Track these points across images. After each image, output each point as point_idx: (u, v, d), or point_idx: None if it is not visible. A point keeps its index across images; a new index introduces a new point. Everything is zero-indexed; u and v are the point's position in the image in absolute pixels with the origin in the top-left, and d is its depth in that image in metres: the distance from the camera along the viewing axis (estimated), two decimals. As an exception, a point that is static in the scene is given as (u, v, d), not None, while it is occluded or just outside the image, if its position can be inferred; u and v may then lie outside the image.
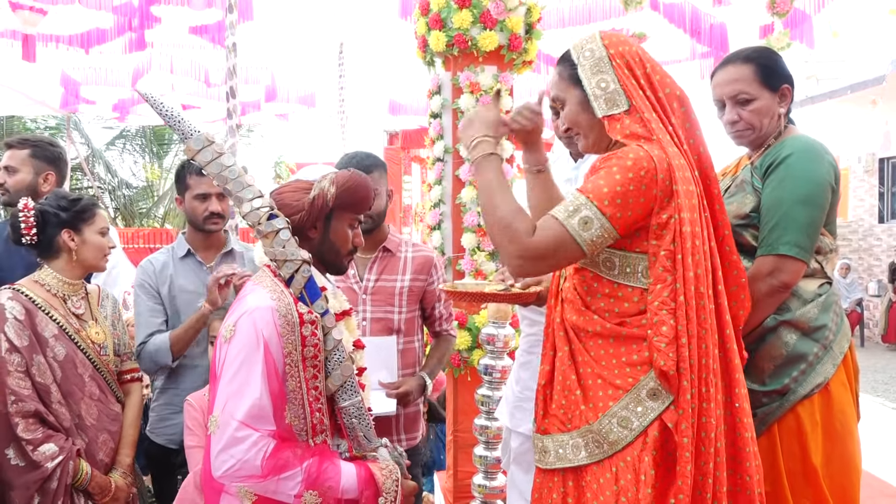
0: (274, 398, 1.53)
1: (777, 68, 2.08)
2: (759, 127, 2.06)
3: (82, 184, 13.75)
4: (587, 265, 1.68)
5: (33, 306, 2.20)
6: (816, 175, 1.95)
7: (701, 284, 1.58)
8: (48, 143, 2.96)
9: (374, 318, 2.54)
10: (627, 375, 1.60)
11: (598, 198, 1.55)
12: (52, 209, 2.27)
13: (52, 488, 2.09)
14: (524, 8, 3.73)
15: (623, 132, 1.64)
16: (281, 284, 1.62)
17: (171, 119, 1.62)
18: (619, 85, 1.65)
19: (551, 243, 1.57)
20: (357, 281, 2.56)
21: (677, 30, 6.29)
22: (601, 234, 1.56)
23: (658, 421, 1.56)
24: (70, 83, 8.80)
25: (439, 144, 3.79)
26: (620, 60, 1.67)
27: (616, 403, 1.59)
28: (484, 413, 2.49)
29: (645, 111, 1.63)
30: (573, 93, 1.72)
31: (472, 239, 3.67)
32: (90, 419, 2.24)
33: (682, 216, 1.56)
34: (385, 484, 1.61)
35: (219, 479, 1.51)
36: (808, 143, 2.00)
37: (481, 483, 2.51)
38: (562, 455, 1.65)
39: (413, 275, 2.59)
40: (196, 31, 6.71)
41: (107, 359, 2.35)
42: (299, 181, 1.71)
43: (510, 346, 2.45)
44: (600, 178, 1.57)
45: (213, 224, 2.66)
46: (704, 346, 1.57)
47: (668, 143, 1.61)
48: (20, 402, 2.09)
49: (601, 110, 1.66)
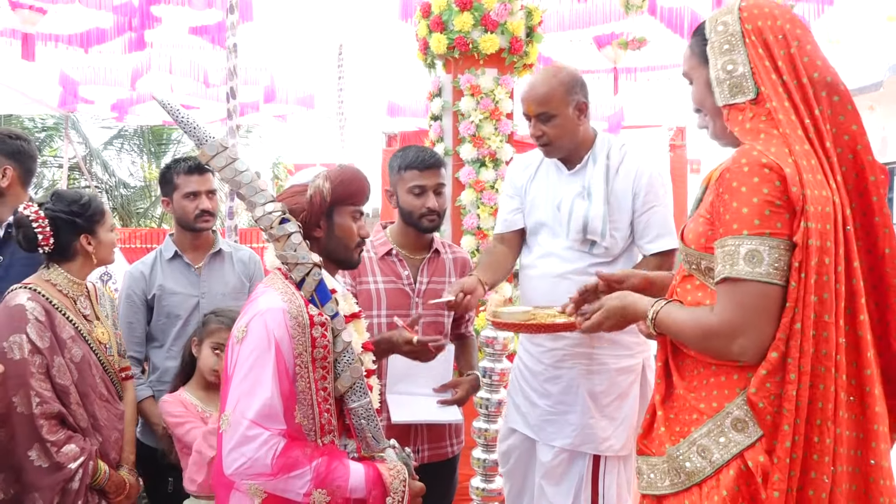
0: (284, 398, 1.56)
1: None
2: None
3: (80, 183, 13.72)
4: (694, 272, 1.52)
5: (51, 307, 2.19)
6: None
7: (826, 312, 1.33)
8: (6, 135, 2.75)
9: (427, 322, 2.42)
10: (713, 399, 1.42)
11: (744, 225, 1.34)
12: (65, 216, 2.23)
13: (73, 489, 2.10)
14: (525, 11, 3.74)
15: (742, 126, 1.43)
16: (292, 287, 1.65)
17: (186, 125, 1.64)
18: (750, 67, 1.42)
19: (736, 303, 1.35)
20: (410, 283, 2.43)
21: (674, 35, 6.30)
22: (777, 255, 1.32)
23: (739, 458, 1.36)
24: (69, 82, 8.77)
25: (439, 147, 3.79)
26: (756, 38, 1.42)
27: (697, 429, 1.42)
28: (483, 416, 2.49)
29: (774, 100, 1.40)
30: (701, 72, 1.52)
31: (472, 241, 3.67)
32: (102, 419, 2.25)
33: (807, 226, 1.31)
34: (393, 484, 1.62)
35: (230, 476, 1.55)
36: None
37: (479, 486, 2.52)
38: (652, 481, 1.51)
39: (457, 276, 2.50)
40: (196, 31, 6.70)
41: (112, 359, 2.35)
42: (293, 186, 1.74)
43: (509, 348, 2.45)
44: (731, 207, 1.35)
45: (203, 222, 2.64)
46: (822, 387, 1.33)
47: (798, 139, 1.37)
48: (45, 404, 2.09)
49: (722, 97, 1.46)
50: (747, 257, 1.33)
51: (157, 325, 2.66)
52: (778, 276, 1.33)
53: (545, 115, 2.27)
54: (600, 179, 2.30)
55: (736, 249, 1.34)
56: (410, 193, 2.37)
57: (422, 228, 2.41)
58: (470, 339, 2.67)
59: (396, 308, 2.39)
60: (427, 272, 2.46)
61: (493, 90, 3.67)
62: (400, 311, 2.40)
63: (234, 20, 4.52)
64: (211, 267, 2.71)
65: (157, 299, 2.63)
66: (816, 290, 1.32)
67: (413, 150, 2.42)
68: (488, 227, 3.65)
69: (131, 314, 2.62)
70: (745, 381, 1.38)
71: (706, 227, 1.47)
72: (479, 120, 3.65)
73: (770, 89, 1.40)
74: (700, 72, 1.52)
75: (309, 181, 1.73)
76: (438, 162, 2.42)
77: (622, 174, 2.31)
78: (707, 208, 1.47)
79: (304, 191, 1.71)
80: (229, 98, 4.50)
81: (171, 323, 2.64)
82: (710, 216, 1.46)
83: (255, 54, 7.71)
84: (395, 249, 2.45)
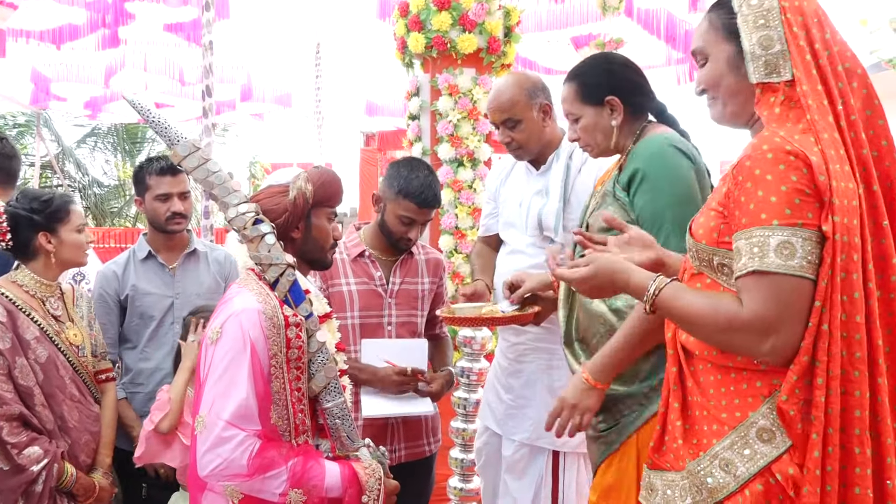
0: (259, 399, 1.56)
1: (597, 82, 1.95)
2: (593, 144, 1.98)
3: (52, 182, 13.51)
4: (704, 269, 1.40)
5: (14, 308, 2.16)
6: (674, 171, 1.83)
7: (857, 312, 1.23)
8: None
9: (400, 323, 2.46)
10: (735, 409, 1.32)
11: (774, 214, 1.23)
12: (23, 212, 2.20)
13: (36, 492, 2.07)
14: (503, 11, 3.74)
15: (771, 109, 1.32)
16: (266, 287, 1.65)
17: (157, 125, 1.63)
18: (786, 47, 1.30)
19: (769, 297, 1.23)
20: (382, 283, 2.45)
21: (651, 36, 6.36)
22: (810, 248, 1.22)
23: (766, 472, 1.26)
24: (41, 79, 8.65)
25: (417, 146, 3.79)
26: (795, 16, 1.31)
27: (719, 442, 1.32)
28: (460, 415, 2.49)
29: (806, 83, 1.29)
30: (723, 47, 1.39)
31: (450, 241, 3.67)
32: (72, 421, 2.21)
33: (833, 220, 1.22)
34: (368, 482, 1.62)
35: (205, 478, 1.54)
36: (657, 146, 1.87)
37: (457, 485, 2.51)
38: (669, 498, 1.39)
39: (430, 277, 2.55)
40: (171, 28, 6.64)
41: (85, 360, 2.32)
42: (272, 186, 1.74)
43: (487, 348, 2.45)
44: (755, 195, 1.25)
45: (175, 224, 2.60)
46: (858, 394, 1.24)
47: (828, 127, 1.28)
48: (5, 406, 2.06)
49: (757, 74, 1.32)
50: (779, 249, 1.22)
51: (130, 326, 2.62)
52: (810, 270, 1.22)
53: (511, 122, 2.33)
54: (559, 178, 2.36)
55: (766, 241, 1.23)
56: (399, 220, 2.40)
57: (396, 248, 2.48)
58: (444, 339, 2.70)
59: (369, 309, 2.43)
60: (400, 273, 2.49)
61: (471, 90, 3.66)
62: (372, 312, 2.43)
63: (209, 17, 4.48)
64: (185, 267, 2.67)
65: (130, 300, 2.59)
66: (844, 289, 1.22)
67: (418, 182, 2.38)
68: (466, 226, 3.65)
69: (103, 315, 2.57)
70: (770, 388, 1.29)
71: (719, 221, 1.36)
72: (456, 119, 3.65)
73: (803, 72, 1.29)
74: (722, 47, 1.39)
75: (289, 182, 1.72)
76: (437, 202, 2.46)
77: (584, 173, 2.35)
78: (720, 200, 1.36)
79: (284, 191, 1.71)
80: (205, 96, 4.45)
81: (144, 324, 2.60)
82: (723, 209, 1.35)
83: (231, 52, 7.65)
84: (367, 251, 2.47)
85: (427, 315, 2.56)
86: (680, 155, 1.85)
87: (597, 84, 1.95)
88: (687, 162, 1.85)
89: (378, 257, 2.47)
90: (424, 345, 2.45)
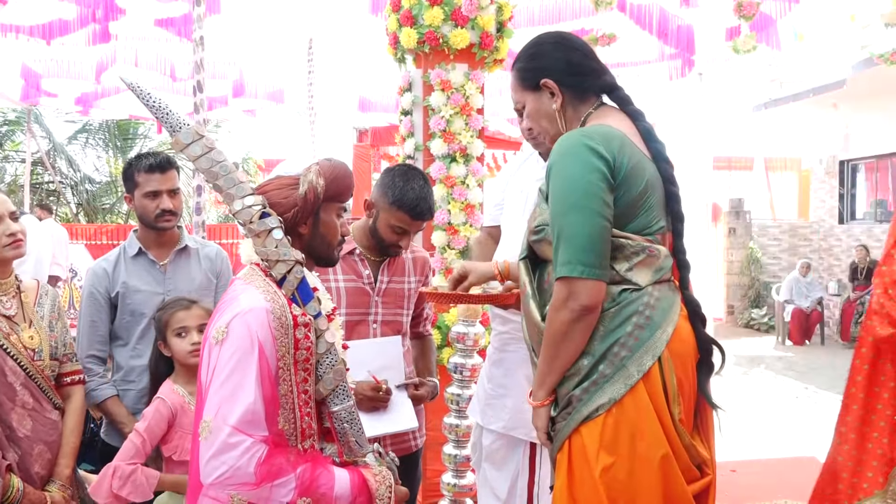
0: (267, 403, 1.48)
1: (530, 66, 1.85)
2: (542, 131, 1.88)
3: (43, 178, 13.43)
4: None
5: None
6: (573, 176, 1.66)
7: None
8: None
9: (385, 321, 2.49)
10: None
11: None
12: None
13: None
14: (495, 6, 3.73)
15: None
16: (273, 285, 1.57)
17: (158, 110, 1.53)
18: None
19: None
20: (370, 282, 2.47)
21: (643, 31, 6.35)
22: None
23: None
24: (31, 75, 8.58)
25: (410, 142, 3.78)
26: None
27: None
28: (454, 411, 2.49)
29: None
30: None
31: (442, 237, 3.66)
32: (23, 430, 2.06)
33: None
34: (379, 490, 1.57)
35: (209, 486, 1.46)
36: (565, 143, 1.72)
37: (450, 481, 2.51)
38: None
39: (417, 276, 2.58)
40: (162, 23, 6.59)
41: (41, 364, 2.16)
42: (281, 177, 1.63)
43: (480, 344, 2.45)
44: None
45: (165, 222, 2.57)
46: None
47: None
48: None
49: None
50: None
51: (121, 323, 2.60)
52: None
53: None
54: None
55: None
56: (392, 230, 2.41)
57: (385, 252, 2.49)
58: (428, 339, 2.70)
59: (356, 307, 2.45)
60: (388, 272, 2.51)
61: (464, 85, 3.66)
62: (359, 310, 2.45)
63: (200, 12, 4.45)
64: (176, 264, 2.66)
65: (120, 297, 2.57)
66: None
67: (413, 194, 2.37)
68: (459, 222, 3.65)
69: (94, 312, 2.56)
70: None
71: None
72: (449, 115, 3.64)
73: None
74: None
75: (300, 175, 1.62)
76: (431, 214, 2.46)
77: None
78: None
79: (293, 184, 1.61)
80: (196, 92, 4.43)
81: (135, 321, 2.58)
82: None
83: (223, 48, 7.60)
84: (357, 249, 2.48)
85: (413, 313, 2.59)
86: (589, 153, 1.67)
87: (530, 68, 1.85)
88: (596, 162, 1.67)
89: (367, 256, 2.49)
90: (398, 341, 2.47)
